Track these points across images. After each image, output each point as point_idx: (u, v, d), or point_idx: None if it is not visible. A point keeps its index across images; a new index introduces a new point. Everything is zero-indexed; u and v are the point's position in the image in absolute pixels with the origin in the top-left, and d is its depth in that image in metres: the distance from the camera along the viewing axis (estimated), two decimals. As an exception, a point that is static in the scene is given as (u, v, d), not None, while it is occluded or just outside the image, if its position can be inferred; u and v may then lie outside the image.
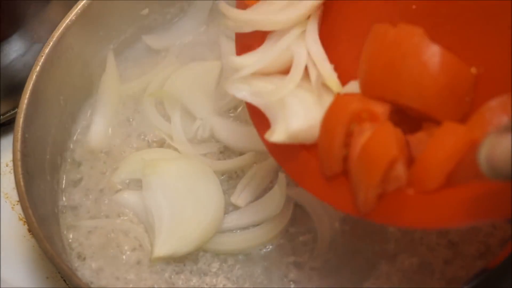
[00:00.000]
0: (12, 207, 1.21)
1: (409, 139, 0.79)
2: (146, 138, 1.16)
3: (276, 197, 1.05)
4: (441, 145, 0.74)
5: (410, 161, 0.77)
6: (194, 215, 1.02)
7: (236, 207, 1.06)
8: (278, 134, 0.85)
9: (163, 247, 1.00)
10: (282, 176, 1.06)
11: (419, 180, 0.76)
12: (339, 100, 0.83)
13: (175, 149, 1.12)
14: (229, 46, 1.22)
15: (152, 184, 1.05)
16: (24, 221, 1.18)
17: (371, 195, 0.77)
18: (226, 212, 1.06)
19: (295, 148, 0.88)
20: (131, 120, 1.19)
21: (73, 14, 1.14)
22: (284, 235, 1.04)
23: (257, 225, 1.04)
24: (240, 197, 1.06)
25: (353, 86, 0.86)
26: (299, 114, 0.86)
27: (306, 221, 1.04)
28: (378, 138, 0.77)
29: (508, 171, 0.60)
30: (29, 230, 1.15)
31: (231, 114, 1.15)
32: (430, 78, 0.77)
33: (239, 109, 1.16)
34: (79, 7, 1.15)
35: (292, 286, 0.99)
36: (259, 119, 0.91)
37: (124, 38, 1.25)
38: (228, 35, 1.24)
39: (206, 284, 1.01)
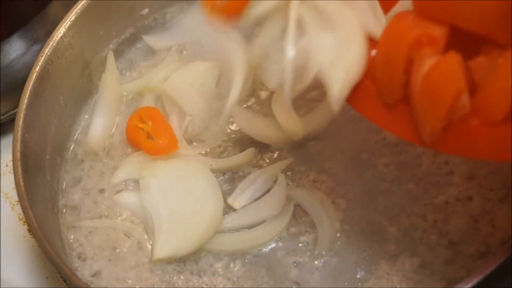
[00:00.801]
0: (12, 207, 1.21)
1: (469, 64, 0.78)
2: (146, 138, 1.16)
3: (276, 197, 1.05)
4: (507, 75, 0.72)
5: (472, 88, 0.76)
6: (193, 216, 1.02)
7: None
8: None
9: (163, 249, 1.00)
10: (281, 177, 1.06)
11: (485, 111, 0.75)
12: (397, 25, 0.80)
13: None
14: (229, 46, 1.22)
15: (150, 186, 1.05)
16: (24, 221, 1.18)
17: (437, 127, 0.77)
18: (226, 212, 1.06)
19: None
20: (131, 120, 1.19)
21: (73, 14, 1.15)
22: (284, 235, 1.04)
23: (258, 225, 1.04)
24: (236, 199, 1.06)
25: (404, 4, 0.85)
26: None
27: (306, 221, 1.04)
28: (443, 69, 0.75)
29: None
30: (29, 230, 1.15)
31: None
32: None
33: (239, 109, 1.16)
34: (79, 7, 1.15)
35: (293, 286, 0.99)
36: None
37: (124, 38, 1.25)
38: (228, 35, 1.24)
39: (206, 284, 1.01)
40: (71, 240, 1.07)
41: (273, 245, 1.03)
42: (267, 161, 1.10)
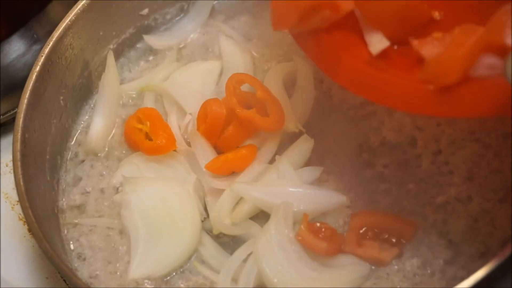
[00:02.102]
0: (12, 207, 1.21)
1: (422, 39, 0.86)
2: (145, 138, 1.16)
3: None
4: (461, 43, 0.79)
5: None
6: (170, 239, 1.01)
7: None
8: None
9: (137, 270, 1.00)
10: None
11: (439, 76, 0.81)
12: None
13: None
14: (229, 46, 1.22)
15: (131, 203, 1.04)
16: (24, 221, 1.18)
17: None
18: (209, 231, 1.04)
19: None
20: (131, 120, 1.18)
21: (73, 14, 1.15)
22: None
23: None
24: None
25: None
26: None
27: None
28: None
29: None
30: (29, 230, 1.15)
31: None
32: None
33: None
34: (79, 7, 1.15)
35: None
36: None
37: (124, 38, 1.25)
38: (228, 35, 1.24)
39: (205, 284, 1.00)
40: (71, 240, 1.07)
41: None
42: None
